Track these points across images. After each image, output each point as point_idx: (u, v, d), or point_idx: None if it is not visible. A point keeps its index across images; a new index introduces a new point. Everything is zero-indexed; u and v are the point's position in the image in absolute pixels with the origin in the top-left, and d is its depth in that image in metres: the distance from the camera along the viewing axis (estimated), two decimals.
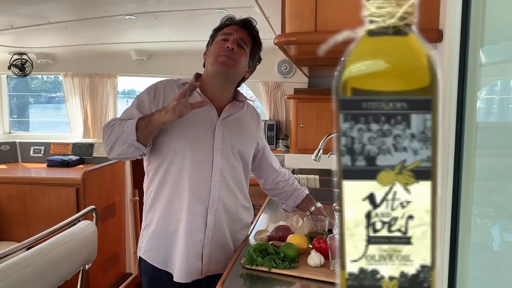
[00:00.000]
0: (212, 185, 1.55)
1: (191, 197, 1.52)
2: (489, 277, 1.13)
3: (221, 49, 1.54)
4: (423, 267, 0.34)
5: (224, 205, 1.58)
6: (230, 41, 1.54)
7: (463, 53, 1.00)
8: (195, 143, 1.54)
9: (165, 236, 1.57)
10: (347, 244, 0.34)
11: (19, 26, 3.02)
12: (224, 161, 1.57)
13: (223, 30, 1.59)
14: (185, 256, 1.54)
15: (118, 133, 1.46)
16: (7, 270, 1.31)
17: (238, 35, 1.56)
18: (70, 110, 4.21)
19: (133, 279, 3.61)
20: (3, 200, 3.35)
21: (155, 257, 1.60)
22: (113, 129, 1.48)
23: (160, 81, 1.64)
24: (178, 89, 1.56)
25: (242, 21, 1.61)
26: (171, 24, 3.10)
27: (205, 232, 1.56)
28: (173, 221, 1.55)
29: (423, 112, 0.33)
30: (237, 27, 1.59)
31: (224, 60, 1.52)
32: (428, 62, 0.32)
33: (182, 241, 1.55)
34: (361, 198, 0.34)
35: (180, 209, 1.54)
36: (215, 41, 1.59)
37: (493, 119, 1.25)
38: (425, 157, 0.33)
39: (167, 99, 1.54)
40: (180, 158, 1.53)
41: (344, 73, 0.33)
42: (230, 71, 1.56)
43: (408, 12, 0.33)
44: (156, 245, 1.59)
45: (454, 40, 1.01)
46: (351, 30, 0.34)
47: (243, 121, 1.68)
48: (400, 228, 0.34)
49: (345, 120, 0.33)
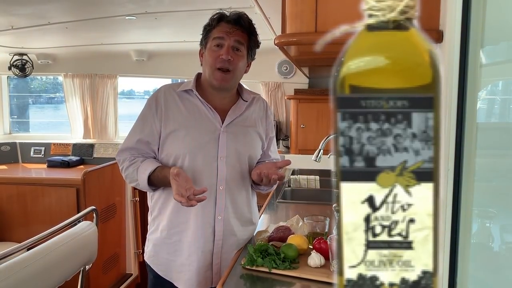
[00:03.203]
0: (218, 194, 1.54)
1: (198, 208, 1.49)
2: (490, 277, 1.13)
3: (217, 60, 1.50)
4: (425, 273, 0.32)
5: (232, 212, 1.57)
6: (224, 50, 1.49)
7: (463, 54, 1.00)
8: (199, 153, 1.52)
9: (167, 245, 1.57)
10: (345, 249, 0.33)
11: (20, 27, 3.02)
12: (229, 169, 1.55)
13: (214, 31, 1.53)
14: (195, 267, 1.54)
15: (134, 181, 1.55)
16: (8, 271, 1.31)
17: (232, 39, 1.51)
18: (70, 111, 4.21)
19: (134, 279, 3.60)
20: (3, 200, 3.35)
21: (158, 264, 1.61)
22: (128, 173, 1.56)
23: (160, 89, 1.61)
24: (179, 98, 1.56)
25: (234, 19, 1.53)
26: (172, 25, 3.10)
27: (214, 241, 1.55)
28: (176, 231, 1.55)
29: (424, 110, 0.31)
30: (230, 26, 1.52)
31: (221, 76, 1.51)
32: (430, 58, 0.31)
33: (191, 252, 1.54)
34: (360, 201, 0.33)
35: (186, 219, 1.54)
36: (209, 47, 1.54)
37: (494, 120, 1.25)
38: (427, 157, 0.32)
39: (169, 110, 1.54)
40: (185, 168, 1.51)
41: (342, 70, 0.32)
42: (228, 85, 1.56)
43: (409, 5, 0.32)
44: (159, 253, 1.59)
45: (454, 40, 1.01)
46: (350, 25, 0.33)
47: (249, 122, 1.64)
48: (400, 232, 0.32)
49: (343, 119, 0.32)
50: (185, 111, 1.55)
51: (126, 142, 1.60)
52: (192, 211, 1.52)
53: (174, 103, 1.56)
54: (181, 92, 1.57)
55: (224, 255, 1.57)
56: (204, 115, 1.56)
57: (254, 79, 3.90)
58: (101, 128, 4.19)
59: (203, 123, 1.54)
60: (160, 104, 1.55)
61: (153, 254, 1.61)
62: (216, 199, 1.54)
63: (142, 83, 6.85)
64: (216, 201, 1.54)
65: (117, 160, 1.61)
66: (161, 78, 4.38)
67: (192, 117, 1.54)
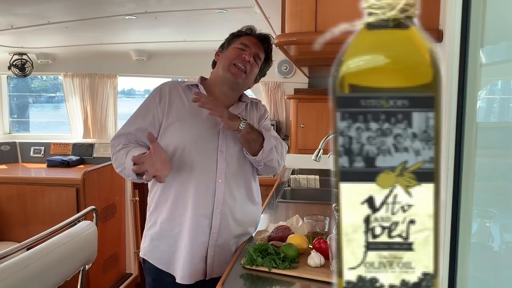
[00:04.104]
0: (217, 188, 1.55)
1: (196, 199, 1.53)
2: (489, 277, 1.13)
3: (238, 57, 1.57)
4: (425, 275, 0.32)
5: (229, 207, 1.59)
6: (248, 53, 1.58)
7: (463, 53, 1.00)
8: (199, 146, 1.55)
9: (168, 237, 1.58)
10: (345, 251, 0.32)
11: (20, 26, 3.02)
12: (229, 163, 1.57)
13: (241, 39, 1.62)
14: (189, 257, 1.55)
15: (121, 165, 1.50)
16: (7, 271, 1.31)
17: (256, 50, 1.61)
18: (70, 110, 4.21)
19: (133, 279, 3.60)
20: (3, 200, 3.35)
21: (157, 258, 1.61)
22: (118, 156, 1.52)
23: (165, 83, 1.65)
24: (183, 93, 1.60)
25: (261, 36, 1.65)
26: (171, 24, 3.10)
27: (210, 234, 1.56)
28: (177, 223, 1.56)
29: (425, 110, 0.31)
30: (256, 40, 1.63)
31: (237, 72, 1.57)
32: (430, 57, 0.31)
33: (186, 243, 1.55)
34: (359, 202, 0.32)
35: (185, 211, 1.55)
36: (232, 46, 1.61)
37: (494, 119, 1.25)
38: (427, 158, 0.31)
39: (173, 102, 1.57)
40: (184, 158, 1.53)
41: (342, 69, 0.31)
42: (240, 82, 1.61)
43: (409, 3, 0.31)
44: (159, 246, 1.60)
45: (454, 40, 1.01)
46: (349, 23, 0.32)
47: (249, 120, 1.65)
48: (401, 234, 0.32)
49: (342, 118, 0.31)
50: (188, 105, 1.58)
51: (124, 128, 1.60)
52: (190, 203, 1.53)
53: (178, 96, 1.59)
54: (185, 87, 1.61)
55: (218, 248, 1.58)
56: (206, 110, 1.57)
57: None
58: (101, 127, 4.19)
59: (205, 117, 1.56)
60: (164, 95, 1.58)
61: (151, 248, 1.62)
62: (215, 192, 1.55)
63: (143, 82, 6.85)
64: (215, 194, 1.55)
65: (110, 145, 1.59)
66: (161, 78, 4.38)
67: (195, 111, 1.57)
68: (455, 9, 1.01)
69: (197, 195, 1.54)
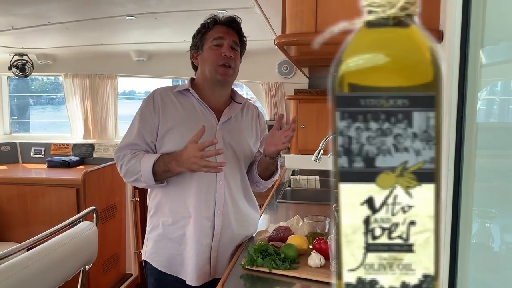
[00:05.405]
0: (217, 189, 1.56)
1: (197, 201, 1.54)
2: (490, 277, 1.12)
3: (219, 58, 1.56)
4: (426, 276, 0.31)
5: (230, 208, 1.59)
6: (225, 48, 1.56)
7: (463, 54, 1.00)
8: None
9: (172, 240, 1.58)
10: (344, 252, 0.32)
11: (20, 27, 3.02)
12: (228, 164, 1.57)
13: (211, 33, 1.60)
14: (195, 260, 1.55)
15: (136, 173, 1.51)
16: (8, 271, 1.31)
17: (231, 39, 1.59)
18: (70, 111, 4.21)
19: (134, 280, 3.60)
20: (3, 200, 3.35)
21: (160, 261, 1.61)
22: (129, 165, 1.52)
23: (155, 90, 1.65)
24: (175, 98, 1.61)
25: (229, 21, 1.62)
26: (172, 25, 3.10)
27: (213, 235, 1.57)
28: (179, 226, 1.57)
29: (426, 109, 0.30)
30: (226, 28, 1.60)
31: (224, 71, 1.57)
32: (431, 56, 0.30)
33: (190, 246, 1.55)
34: (359, 203, 0.31)
35: (186, 214, 1.55)
36: (208, 47, 1.59)
37: (494, 120, 1.25)
38: (428, 158, 0.31)
39: (166, 108, 1.58)
40: None
41: (341, 68, 0.31)
42: (230, 79, 1.62)
43: (409, 1, 0.31)
44: (163, 249, 1.60)
45: (454, 40, 1.01)
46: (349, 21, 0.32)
47: (243, 123, 1.69)
48: (401, 235, 0.31)
49: (342, 118, 0.31)
50: (181, 109, 1.59)
51: (126, 139, 1.60)
52: (192, 205, 1.54)
53: (170, 101, 1.60)
54: (176, 92, 1.62)
55: (221, 249, 1.59)
56: (201, 113, 1.60)
57: (254, 79, 3.90)
58: (101, 128, 4.19)
59: (200, 120, 1.57)
60: (157, 102, 1.59)
61: (154, 251, 1.62)
62: (216, 193, 1.56)
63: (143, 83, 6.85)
64: (216, 196, 1.56)
65: (115, 157, 1.60)
66: (161, 78, 4.38)
67: (189, 114, 1.58)
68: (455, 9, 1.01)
69: (199, 197, 1.54)
